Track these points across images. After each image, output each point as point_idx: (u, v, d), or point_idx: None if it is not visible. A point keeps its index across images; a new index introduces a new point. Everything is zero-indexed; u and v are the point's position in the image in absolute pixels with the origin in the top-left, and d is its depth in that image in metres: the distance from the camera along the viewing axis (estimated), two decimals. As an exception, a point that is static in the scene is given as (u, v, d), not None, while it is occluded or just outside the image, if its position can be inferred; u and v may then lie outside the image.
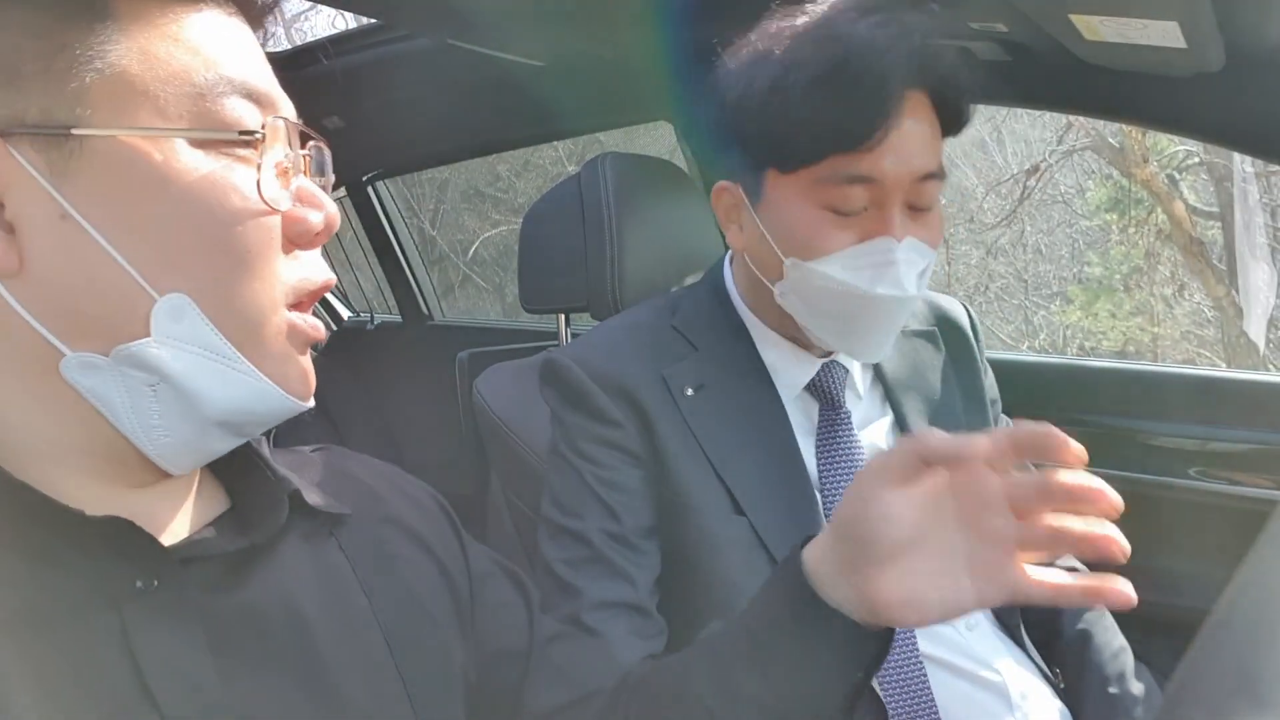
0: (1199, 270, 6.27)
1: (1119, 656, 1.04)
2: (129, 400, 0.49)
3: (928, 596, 0.58)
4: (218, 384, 0.50)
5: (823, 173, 0.86)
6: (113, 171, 0.47)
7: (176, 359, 0.48)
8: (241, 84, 0.51)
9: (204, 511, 0.57)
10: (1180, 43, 0.91)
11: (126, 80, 0.47)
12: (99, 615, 0.47)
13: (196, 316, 0.49)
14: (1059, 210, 7.55)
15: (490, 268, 7.46)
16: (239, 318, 0.50)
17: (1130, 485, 1.38)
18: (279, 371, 0.52)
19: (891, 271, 0.85)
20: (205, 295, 0.49)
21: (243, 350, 0.50)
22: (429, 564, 0.67)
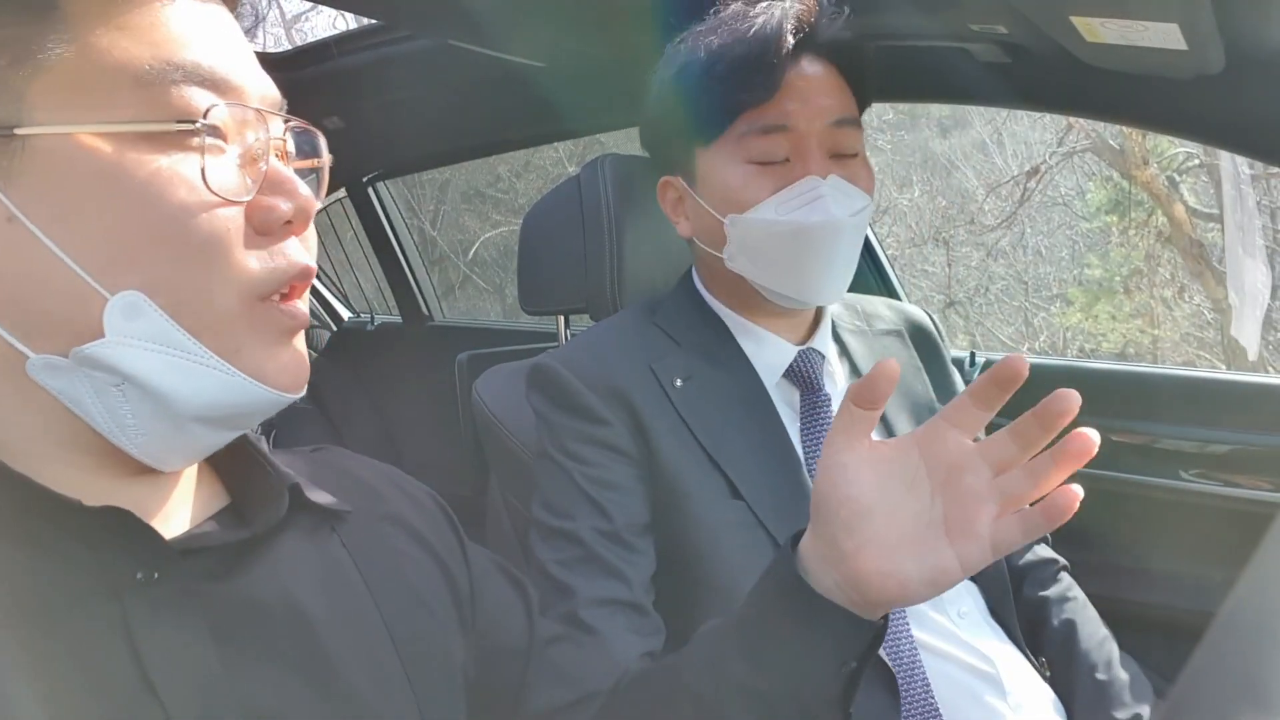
0: (1199, 272, 6.27)
1: (1104, 645, 1.06)
2: (99, 400, 0.48)
3: (906, 566, 0.58)
4: (186, 380, 0.48)
5: (739, 132, 0.95)
6: (58, 170, 0.46)
7: (137, 358, 0.47)
8: (194, 70, 0.49)
9: (204, 506, 0.57)
10: (1180, 45, 0.91)
11: (69, 75, 0.46)
12: (101, 607, 0.47)
13: (155, 313, 0.47)
14: (1059, 212, 7.56)
15: (490, 268, 7.46)
16: (202, 312, 0.49)
17: (1129, 487, 1.38)
18: (255, 364, 0.51)
19: (821, 204, 0.92)
20: (163, 291, 0.47)
21: (211, 344, 0.49)
22: (429, 562, 0.67)
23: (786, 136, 0.94)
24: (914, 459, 0.60)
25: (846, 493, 0.59)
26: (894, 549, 0.58)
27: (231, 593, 0.52)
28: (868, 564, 0.58)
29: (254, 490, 0.58)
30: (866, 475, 0.59)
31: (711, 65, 0.94)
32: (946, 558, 0.58)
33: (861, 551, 0.58)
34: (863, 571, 0.59)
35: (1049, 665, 1.04)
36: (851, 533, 0.59)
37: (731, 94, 0.94)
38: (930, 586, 0.58)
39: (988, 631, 0.99)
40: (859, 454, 0.59)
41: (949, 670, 0.94)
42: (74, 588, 0.47)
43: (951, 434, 0.59)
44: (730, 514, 0.94)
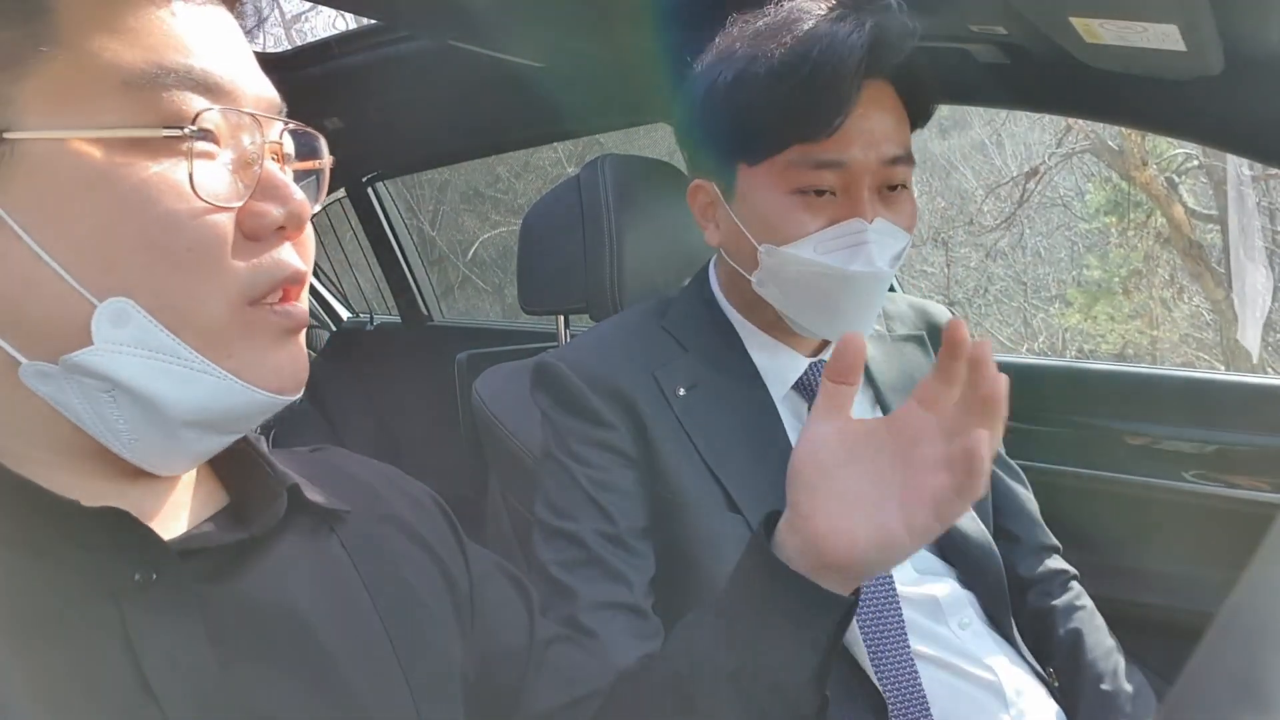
0: (1198, 273, 6.28)
1: (1110, 655, 1.05)
2: (90, 407, 0.48)
3: (855, 524, 0.61)
4: (176, 386, 0.48)
5: (789, 159, 0.89)
6: (46, 174, 0.45)
7: (125, 365, 0.47)
8: (186, 73, 0.48)
9: (202, 507, 0.57)
10: (1180, 46, 0.91)
11: (59, 79, 0.46)
12: (98, 608, 0.47)
13: (143, 319, 0.47)
14: (1058, 213, 7.56)
15: (490, 269, 7.46)
16: (191, 317, 0.48)
17: (1128, 488, 1.38)
18: (249, 368, 0.50)
19: (864, 251, 0.88)
20: (152, 297, 0.47)
21: (201, 349, 0.48)
22: (429, 563, 0.67)
23: (837, 173, 0.88)
24: (883, 434, 0.63)
25: (814, 456, 0.63)
26: (847, 508, 0.61)
27: (229, 594, 0.52)
28: (821, 522, 0.62)
29: (253, 491, 0.58)
30: (835, 442, 0.63)
31: (772, 84, 0.86)
32: (894, 520, 0.60)
33: (817, 511, 0.62)
34: (817, 531, 0.62)
35: (1056, 676, 1.03)
36: (812, 492, 0.62)
37: (789, 123, 0.87)
38: (879, 550, 0.61)
39: (989, 642, 0.98)
40: (834, 425, 0.63)
41: (951, 681, 0.94)
42: (72, 589, 0.47)
43: (919, 411, 0.62)
44: (726, 526, 0.93)
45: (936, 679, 0.93)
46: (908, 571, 0.98)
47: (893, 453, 0.62)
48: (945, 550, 1.03)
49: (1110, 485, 1.38)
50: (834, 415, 0.64)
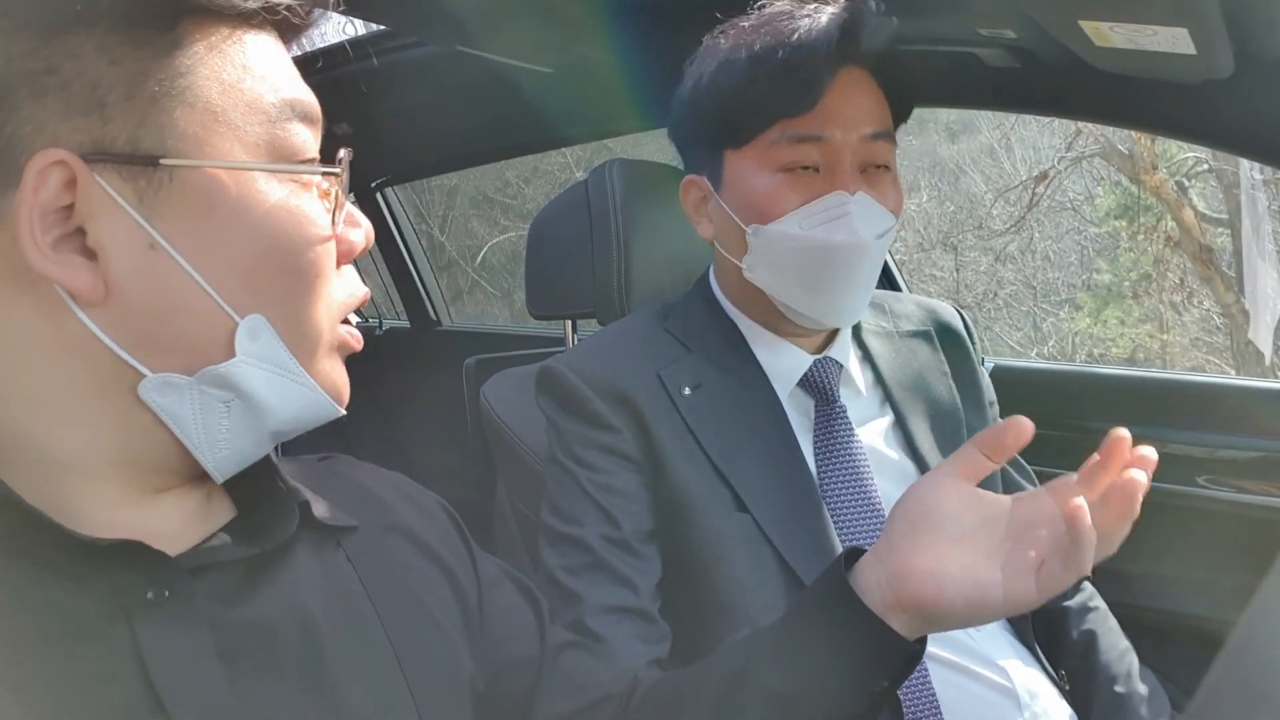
0: (1208, 277, 6.25)
1: (1124, 657, 1.04)
2: (201, 417, 0.51)
3: (950, 571, 0.60)
4: (283, 398, 0.53)
5: (772, 139, 0.92)
6: (198, 200, 0.48)
7: (252, 377, 0.51)
8: (300, 107, 0.53)
9: (212, 520, 0.57)
10: (1189, 49, 0.90)
11: (210, 110, 0.49)
12: (110, 627, 0.47)
13: (271, 335, 0.51)
14: (1068, 217, 7.55)
15: (498, 273, 7.48)
16: (304, 335, 0.53)
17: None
18: (329, 381, 0.56)
19: (847, 222, 0.90)
20: (277, 315, 0.52)
21: (305, 364, 0.54)
22: (437, 573, 0.67)
23: (819, 147, 0.91)
24: (1003, 509, 0.63)
25: (925, 500, 0.63)
26: (947, 556, 0.61)
27: (239, 611, 0.52)
28: (915, 560, 0.61)
29: (261, 503, 0.58)
30: (951, 497, 0.62)
31: (752, 68, 0.91)
32: (993, 579, 0.60)
33: (914, 549, 0.61)
34: (908, 567, 0.61)
35: (1068, 678, 1.02)
36: (913, 533, 0.62)
37: (769, 101, 0.91)
38: (967, 604, 0.60)
39: (1004, 645, 0.98)
40: (957, 482, 0.63)
41: (963, 684, 0.93)
42: (85, 609, 0.47)
43: (1046, 500, 0.62)
44: (735, 527, 0.93)
45: (949, 681, 0.92)
46: None
47: (1007, 529, 0.62)
48: None
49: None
50: (957, 473, 0.64)
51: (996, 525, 0.62)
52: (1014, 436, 0.62)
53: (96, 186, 0.46)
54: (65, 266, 0.46)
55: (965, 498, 0.63)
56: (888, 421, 1.04)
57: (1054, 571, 0.59)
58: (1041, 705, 0.94)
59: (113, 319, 0.48)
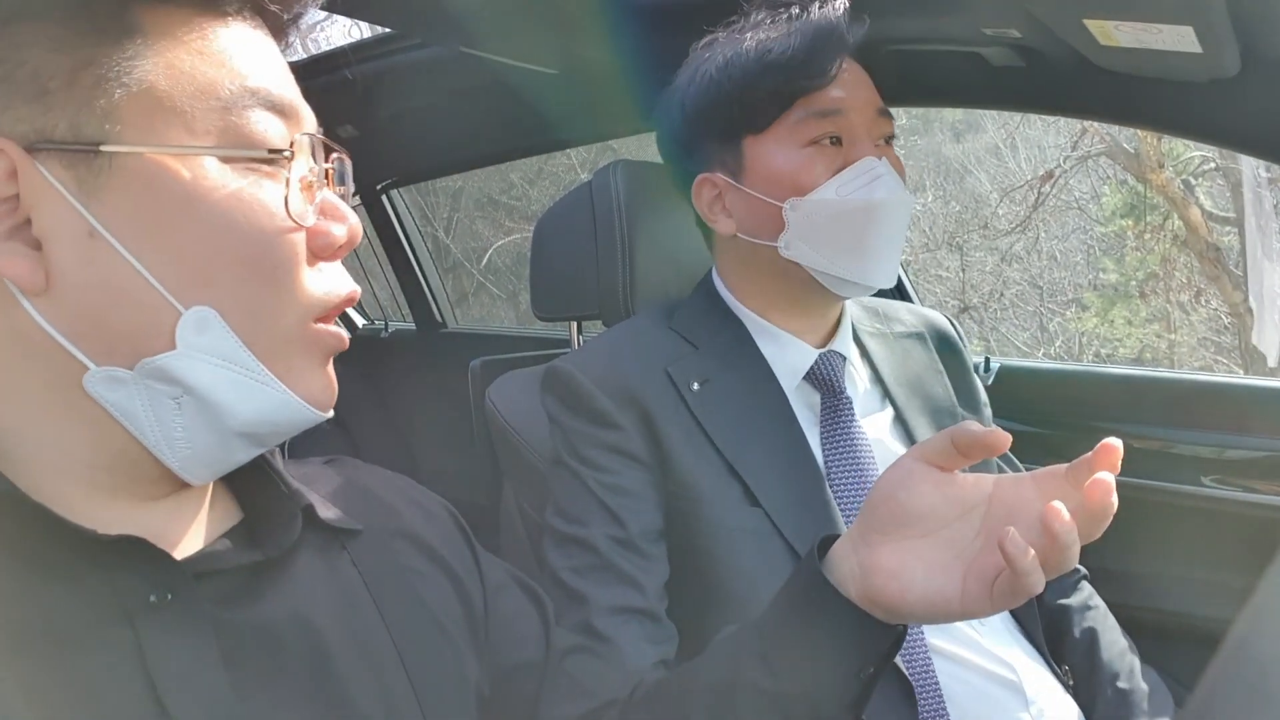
0: (1215, 276, 6.23)
1: (1125, 654, 1.05)
2: (152, 413, 0.49)
3: (913, 575, 0.59)
4: (241, 396, 0.50)
5: (795, 118, 0.96)
6: (141, 188, 0.47)
7: (201, 371, 0.49)
8: (266, 96, 0.51)
9: (216, 524, 0.57)
10: (1195, 47, 0.90)
11: (155, 96, 0.48)
12: (113, 630, 0.47)
13: (222, 329, 0.49)
14: (1074, 216, 7.53)
15: (504, 275, 7.49)
16: (265, 331, 0.51)
17: (1145, 493, 1.37)
18: (303, 383, 0.53)
19: (882, 181, 0.95)
20: (231, 309, 0.49)
21: (267, 362, 0.51)
22: (442, 577, 0.66)
23: (841, 120, 0.96)
24: (980, 498, 0.60)
25: (899, 495, 0.61)
26: (911, 556, 0.60)
27: (243, 615, 0.52)
28: (881, 557, 0.60)
29: (267, 507, 0.58)
30: (926, 489, 0.60)
31: (763, 55, 0.95)
32: (951, 587, 0.59)
33: (883, 545, 0.60)
34: (875, 562, 0.60)
35: (1071, 675, 1.03)
36: (883, 528, 0.61)
37: (789, 80, 0.95)
38: (926, 607, 0.59)
39: (1009, 639, 0.98)
40: (932, 471, 0.61)
41: (970, 678, 0.93)
42: (88, 612, 0.47)
43: (1030, 489, 0.59)
44: (746, 521, 0.93)
45: (955, 675, 0.92)
46: None
47: (984, 521, 0.60)
48: None
49: (1128, 490, 1.37)
50: (931, 462, 0.61)
51: (974, 516, 0.60)
52: (992, 442, 0.59)
53: (38, 175, 0.46)
54: (5, 255, 0.46)
55: (941, 488, 0.60)
56: (889, 416, 1.05)
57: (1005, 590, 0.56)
58: (1047, 701, 0.94)
59: (56, 309, 0.47)
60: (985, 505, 0.60)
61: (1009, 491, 0.60)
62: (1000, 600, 0.57)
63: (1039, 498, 0.58)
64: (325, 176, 0.55)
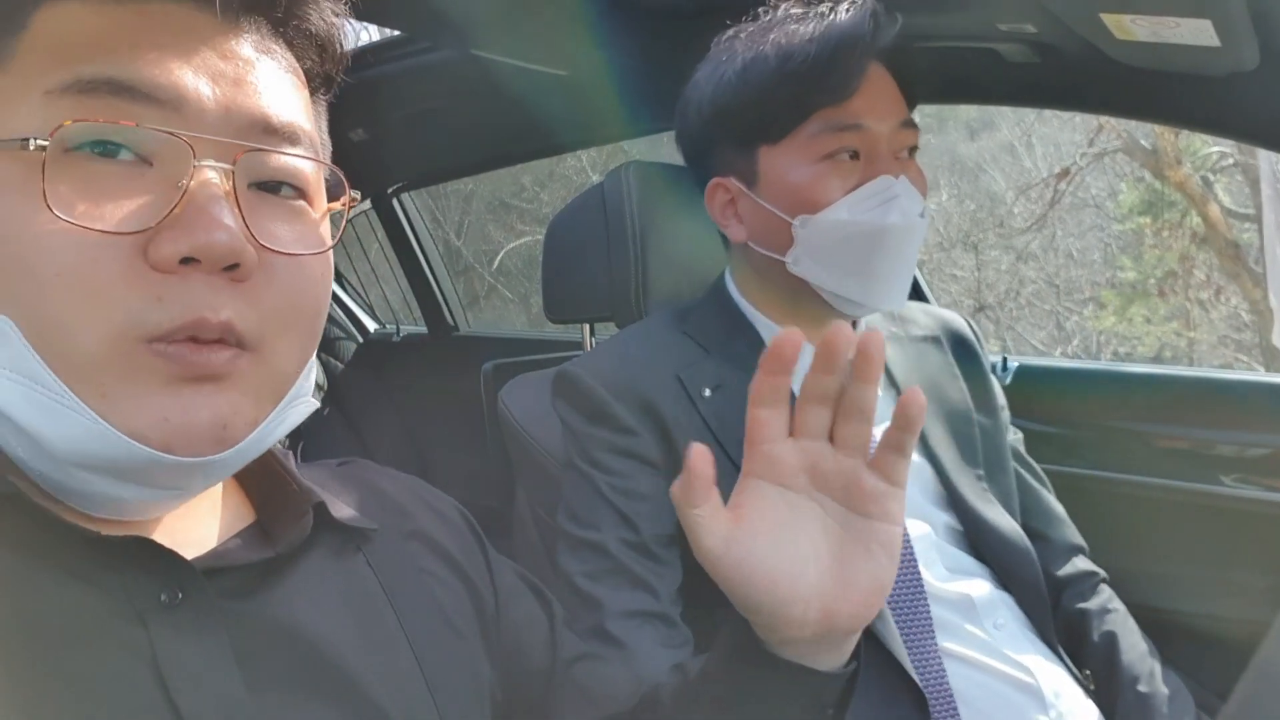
0: (1235, 274, 6.18)
1: (1146, 658, 1.04)
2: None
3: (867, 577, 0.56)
4: (47, 419, 0.44)
5: (811, 131, 0.93)
6: None
7: (4, 389, 0.44)
8: (107, 81, 0.45)
9: (229, 524, 0.56)
10: (1214, 41, 0.89)
11: None
12: (125, 630, 0.47)
13: (18, 341, 0.44)
14: (1090, 214, 7.49)
15: (515, 278, 7.51)
16: (61, 347, 0.44)
17: (1168, 493, 1.35)
18: (120, 413, 0.44)
19: (897, 204, 0.92)
20: (24, 320, 0.44)
21: (73, 385, 0.44)
22: (455, 579, 0.66)
23: (860, 136, 0.93)
24: (772, 492, 0.57)
25: (764, 579, 0.55)
26: (846, 575, 0.56)
27: (255, 614, 0.52)
28: (840, 610, 0.56)
29: (279, 508, 0.58)
30: (761, 547, 0.55)
31: (784, 63, 0.92)
32: (881, 531, 0.57)
33: (825, 606, 0.56)
34: (841, 618, 0.56)
35: (1093, 679, 1.02)
36: (802, 602, 0.55)
37: (808, 92, 0.92)
38: (893, 562, 0.57)
39: (1025, 643, 0.97)
40: (736, 537, 0.55)
41: (987, 683, 0.92)
42: (98, 609, 0.47)
43: (773, 447, 0.56)
44: None
45: (971, 679, 0.92)
46: (939, 569, 0.97)
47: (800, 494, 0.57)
48: (979, 549, 1.01)
49: (1149, 490, 1.36)
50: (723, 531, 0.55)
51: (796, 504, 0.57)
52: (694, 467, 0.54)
53: None
54: None
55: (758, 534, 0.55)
56: None
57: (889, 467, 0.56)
58: (1066, 705, 0.93)
59: None
60: (778, 492, 0.57)
61: (775, 466, 0.57)
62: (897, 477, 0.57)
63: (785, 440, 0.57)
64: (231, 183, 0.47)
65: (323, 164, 0.54)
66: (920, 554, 0.96)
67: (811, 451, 0.57)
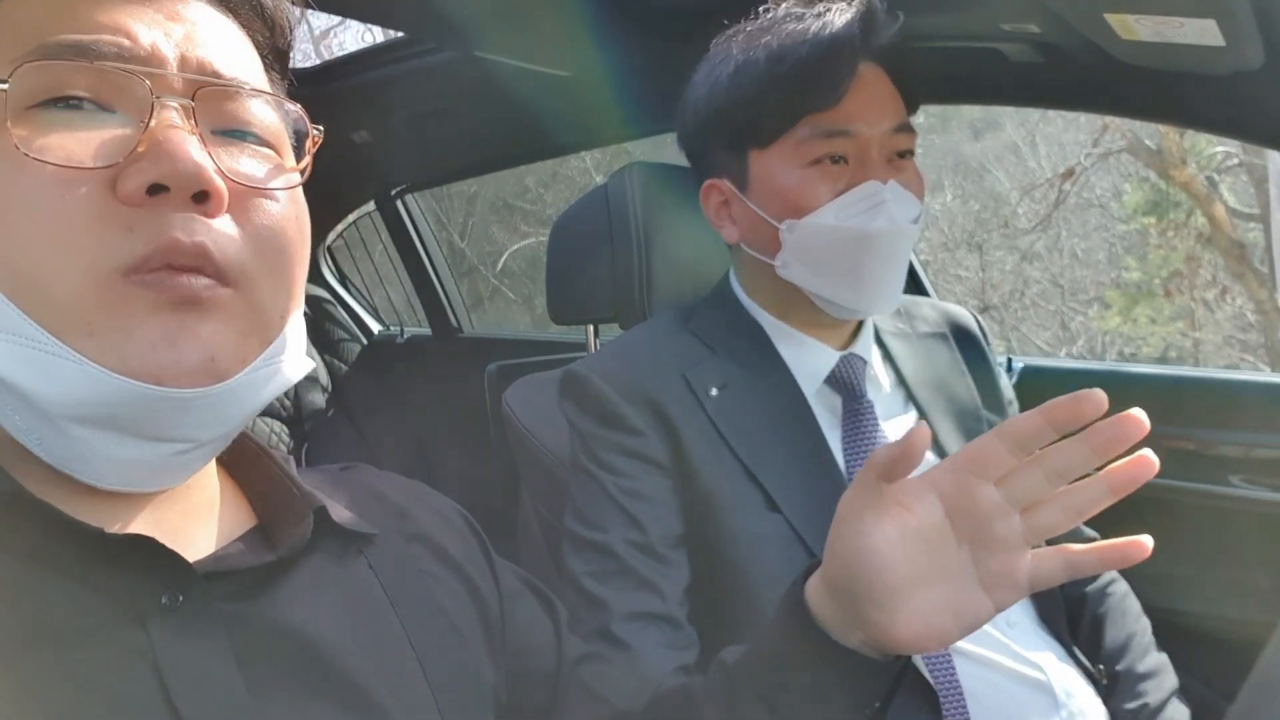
0: (1241, 273, 6.17)
1: (1134, 640, 1.05)
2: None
3: (944, 624, 0.57)
4: (39, 373, 0.44)
5: (800, 136, 0.93)
6: None
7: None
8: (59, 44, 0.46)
9: (230, 528, 0.56)
10: (1218, 40, 0.89)
11: None
12: (125, 632, 0.47)
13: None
14: (1095, 214, 7.48)
15: (519, 279, 7.51)
16: (41, 293, 0.44)
17: (1175, 494, 1.35)
18: (111, 351, 0.44)
19: (884, 210, 0.91)
20: (8, 273, 0.44)
21: (57, 331, 0.44)
22: (458, 583, 0.66)
23: (849, 141, 0.92)
24: (940, 518, 0.57)
25: (877, 573, 0.56)
26: (930, 614, 0.57)
27: (257, 617, 0.52)
28: (904, 632, 0.57)
29: (280, 512, 0.58)
30: (895, 552, 0.56)
31: (773, 66, 0.92)
32: (983, 606, 0.57)
33: (896, 622, 0.57)
34: (902, 640, 0.57)
35: (1104, 674, 1.01)
36: (884, 608, 0.57)
37: (796, 96, 0.92)
38: (965, 633, 0.58)
39: (1038, 641, 0.97)
40: (886, 530, 0.57)
41: (997, 681, 0.92)
42: (98, 611, 0.47)
43: (977, 485, 0.56)
44: (767, 527, 0.92)
45: (983, 678, 0.91)
46: None
47: (958, 532, 0.57)
48: None
49: (1156, 491, 1.35)
50: (881, 519, 0.57)
51: (947, 539, 0.57)
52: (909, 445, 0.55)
53: None
54: None
55: (904, 540, 0.56)
56: (912, 419, 1.04)
57: (1052, 573, 0.55)
58: (1079, 704, 0.93)
59: None
60: (946, 523, 0.57)
61: (962, 499, 0.56)
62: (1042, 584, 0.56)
63: (986, 483, 0.56)
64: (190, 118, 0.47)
65: (281, 100, 0.54)
66: None
67: (999, 511, 0.56)
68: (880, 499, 0.57)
